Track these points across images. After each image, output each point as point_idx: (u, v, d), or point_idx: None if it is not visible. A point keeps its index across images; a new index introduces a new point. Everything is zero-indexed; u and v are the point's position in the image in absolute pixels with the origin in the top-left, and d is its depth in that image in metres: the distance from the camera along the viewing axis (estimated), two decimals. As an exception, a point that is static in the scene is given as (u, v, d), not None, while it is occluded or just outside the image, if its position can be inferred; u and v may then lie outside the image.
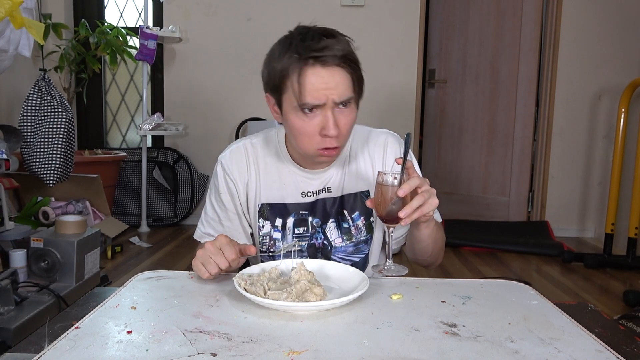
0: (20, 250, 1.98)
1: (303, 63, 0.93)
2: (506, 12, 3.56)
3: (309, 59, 0.92)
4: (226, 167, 1.12)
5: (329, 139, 0.96)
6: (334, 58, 0.92)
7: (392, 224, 0.92)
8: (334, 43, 0.93)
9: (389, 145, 1.14)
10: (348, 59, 0.94)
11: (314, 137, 0.97)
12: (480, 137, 3.76)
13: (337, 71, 0.93)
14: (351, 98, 0.96)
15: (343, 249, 1.12)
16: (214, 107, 3.59)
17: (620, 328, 0.87)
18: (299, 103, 0.94)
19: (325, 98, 0.93)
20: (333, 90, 0.93)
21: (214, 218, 1.14)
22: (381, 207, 0.89)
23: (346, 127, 0.98)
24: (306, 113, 0.95)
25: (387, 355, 0.64)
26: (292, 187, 1.11)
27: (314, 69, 0.92)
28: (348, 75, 0.95)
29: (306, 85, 0.93)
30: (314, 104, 0.94)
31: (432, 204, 0.89)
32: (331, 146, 0.98)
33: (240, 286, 0.82)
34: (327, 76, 0.93)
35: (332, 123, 0.94)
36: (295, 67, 0.93)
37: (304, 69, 0.93)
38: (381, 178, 0.90)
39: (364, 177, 1.13)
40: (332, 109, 0.95)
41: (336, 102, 0.94)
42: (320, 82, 0.92)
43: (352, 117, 0.99)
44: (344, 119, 0.97)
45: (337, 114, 0.96)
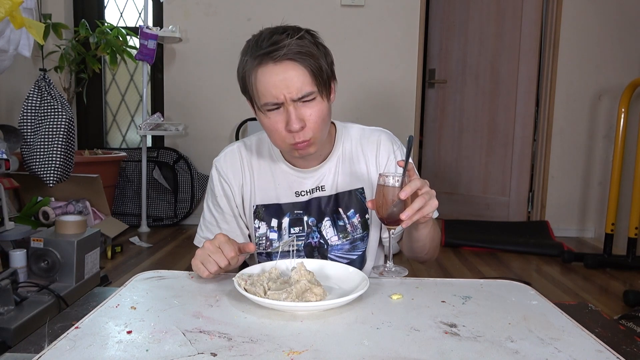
0: (20, 250, 1.98)
1: (256, 63, 0.93)
2: (506, 12, 3.56)
3: (261, 57, 0.92)
4: (221, 170, 1.13)
5: (295, 133, 0.96)
6: (284, 53, 0.91)
7: (393, 225, 0.92)
8: (282, 39, 0.92)
9: (382, 143, 1.14)
10: (301, 52, 0.92)
11: (281, 133, 0.98)
12: (480, 137, 3.76)
13: (290, 65, 0.92)
14: (312, 92, 0.95)
15: (339, 247, 1.12)
16: (214, 107, 3.59)
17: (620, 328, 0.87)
18: (259, 104, 0.96)
19: (282, 96, 0.93)
20: (290, 86, 0.93)
21: (212, 222, 1.15)
22: (382, 209, 0.90)
23: (312, 120, 0.96)
24: (269, 112, 0.97)
25: (387, 355, 0.64)
26: (285, 187, 1.11)
27: (266, 67, 0.93)
28: (303, 68, 0.93)
29: (261, 85, 0.94)
30: (273, 102, 0.95)
31: (432, 206, 0.90)
32: (300, 140, 0.97)
33: (240, 286, 0.82)
34: (280, 72, 0.92)
35: (293, 118, 0.94)
36: (249, 69, 0.95)
37: (256, 69, 0.94)
38: (382, 180, 0.90)
39: (357, 174, 1.13)
40: (293, 104, 0.95)
41: (294, 98, 0.94)
42: (275, 79, 0.92)
43: (318, 109, 0.97)
44: (308, 111, 0.96)
45: (299, 108, 0.95)
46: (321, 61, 0.96)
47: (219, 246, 0.90)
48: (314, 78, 0.95)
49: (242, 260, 0.98)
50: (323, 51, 0.98)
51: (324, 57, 0.97)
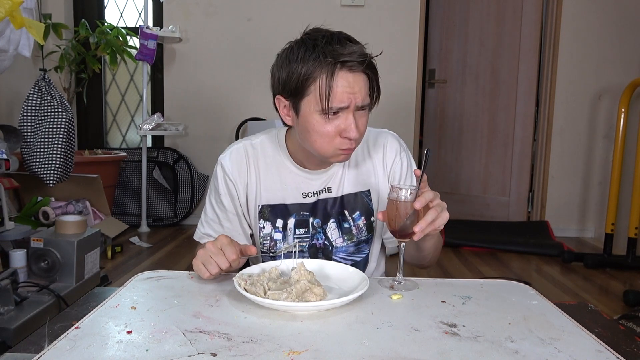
0: (20, 250, 1.98)
1: (333, 67, 0.93)
2: (506, 12, 3.56)
3: (338, 63, 0.93)
4: (226, 168, 1.11)
5: (349, 140, 0.98)
6: (360, 64, 0.95)
7: (404, 239, 0.90)
8: (359, 49, 0.96)
9: (389, 145, 1.14)
10: (371, 65, 0.98)
11: (333, 138, 0.98)
12: (480, 137, 3.76)
13: (361, 77, 0.96)
14: (368, 104, 1.00)
15: (344, 249, 1.12)
16: (214, 107, 3.59)
17: (620, 328, 0.87)
18: (326, 106, 0.94)
19: (349, 102, 0.95)
20: (357, 94, 0.95)
21: (214, 219, 1.14)
22: (395, 222, 0.88)
23: (362, 130, 1.00)
24: (329, 116, 0.96)
25: (387, 355, 0.64)
26: (292, 188, 1.11)
27: (342, 72, 0.94)
28: (369, 81, 0.98)
29: (335, 89, 0.94)
30: (339, 107, 0.95)
31: (444, 219, 0.90)
32: (350, 147, 1.00)
33: (240, 286, 0.82)
34: (353, 81, 0.95)
35: (354, 126, 0.96)
36: (324, 70, 0.93)
37: (334, 73, 0.94)
38: (396, 193, 0.88)
39: (364, 177, 1.13)
40: (354, 112, 0.97)
41: (358, 106, 0.97)
42: (347, 86, 0.94)
43: (367, 120, 1.02)
44: (362, 121, 0.99)
45: (357, 117, 0.98)
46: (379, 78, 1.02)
47: (220, 248, 0.90)
48: (372, 92, 1.00)
49: (243, 262, 0.98)
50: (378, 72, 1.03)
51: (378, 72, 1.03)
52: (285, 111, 1.03)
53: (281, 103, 1.02)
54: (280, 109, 1.03)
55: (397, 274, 0.92)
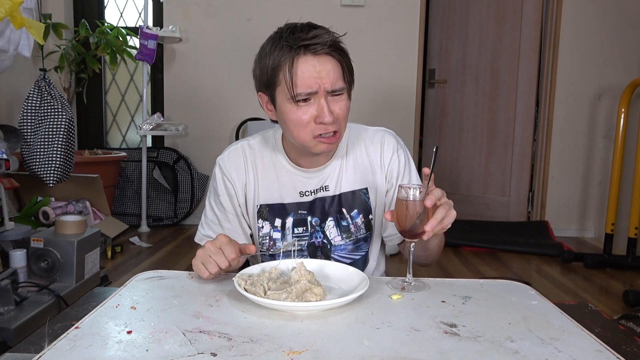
0: (20, 250, 1.98)
1: (295, 53, 0.94)
2: (506, 12, 3.56)
3: (300, 48, 0.94)
4: (224, 169, 1.12)
5: (324, 125, 0.97)
6: (324, 46, 0.94)
7: (414, 238, 0.89)
8: (322, 33, 0.95)
9: (386, 142, 1.14)
10: (337, 47, 0.97)
11: (309, 125, 0.98)
12: (480, 137, 3.76)
13: (328, 59, 0.95)
14: (343, 88, 0.98)
15: (343, 247, 1.12)
16: (214, 107, 3.59)
17: (620, 328, 0.87)
18: (293, 94, 0.95)
19: (317, 86, 0.95)
20: (325, 78, 0.95)
21: (214, 220, 1.14)
22: (405, 221, 0.87)
23: (341, 114, 0.99)
24: (300, 103, 0.97)
25: (387, 355, 0.64)
26: (290, 187, 1.11)
27: (305, 57, 0.94)
28: (338, 63, 0.97)
29: (298, 74, 0.94)
30: (307, 92, 0.95)
31: (452, 217, 0.89)
32: (328, 132, 0.98)
33: (240, 286, 0.82)
34: (318, 64, 0.94)
35: (326, 110, 0.96)
36: (286, 58, 0.95)
37: (295, 59, 0.94)
38: (405, 193, 0.87)
39: (361, 174, 1.13)
40: (325, 97, 0.96)
41: (328, 90, 0.96)
42: (312, 70, 0.94)
43: (345, 105, 1.00)
44: (337, 105, 0.98)
45: (330, 101, 0.97)
46: (350, 59, 1.00)
47: (220, 247, 0.90)
48: (345, 75, 0.98)
49: (243, 261, 0.98)
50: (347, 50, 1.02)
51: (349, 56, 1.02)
52: (267, 106, 1.05)
53: (262, 99, 1.05)
54: (264, 105, 1.05)
55: (407, 275, 0.91)
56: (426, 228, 0.86)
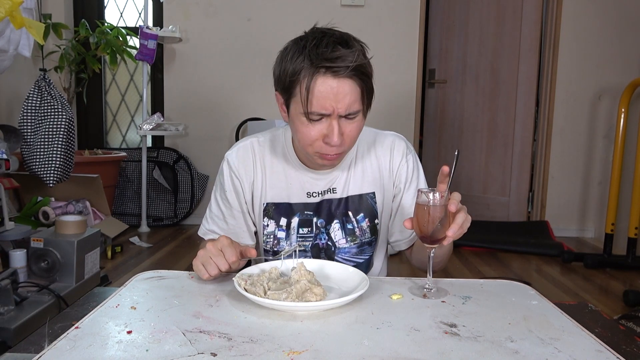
0: (20, 250, 1.97)
1: (314, 70, 0.90)
2: (506, 12, 3.56)
3: (321, 67, 0.90)
4: (232, 164, 1.11)
5: (330, 147, 0.96)
6: (346, 69, 0.89)
7: (434, 244, 0.88)
8: (347, 54, 0.90)
9: (396, 148, 1.13)
10: (360, 71, 0.92)
11: (315, 142, 0.96)
12: (480, 137, 3.76)
13: (347, 83, 0.91)
14: (358, 111, 0.95)
15: (347, 250, 1.12)
16: (214, 107, 3.59)
17: (620, 328, 0.87)
18: (306, 111, 0.93)
19: (332, 109, 0.92)
20: (341, 102, 0.91)
21: (219, 215, 1.14)
22: (427, 227, 0.85)
23: (350, 136, 0.97)
24: (311, 120, 0.94)
25: (387, 355, 0.64)
26: (297, 187, 1.11)
27: (324, 78, 0.90)
28: (358, 87, 0.93)
29: (315, 93, 0.91)
30: (320, 113, 0.93)
31: (469, 220, 0.89)
32: (331, 153, 0.97)
33: (240, 286, 0.82)
34: (337, 87, 0.90)
35: (336, 133, 0.94)
36: (305, 73, 0.91)
37: (314, 77, 0.91)
38: (427, 197, 0.86)
39: (369, 178, 1.12)
40: (338, 119, 0.94)
41: (342, 114, 0.93)
42: (329, 92, 0.91)
43: (357, 127, 0.97)
44: (348, 127, 0.96)
45: (342, 123, 0.95)
46: (372, 81, 0.96)
47: (221, 249, 0.90)
48: (362, 98, 0.95)
49: (243, 264, 0.97)
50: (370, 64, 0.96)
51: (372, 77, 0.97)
52: (282, 107, 1.03)
53: (279, 99, 1.02)
54: (279, 104, 1.04)
55: (427, 282, 0.89)
56: (448, 233, 0.84)
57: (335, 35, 0.93)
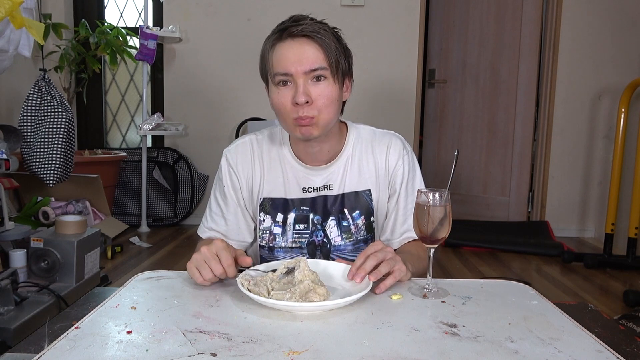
0: (20, 250, 1.97)
1: (275, 38, 1.00)
2: (506, 12, 3.56)
3: (281, 32, 0.99)
4: (231, 160, 1.13)
5: (300, 108, 0.98)
6: (302, 29, 0.97)
7: (434, 244, 0.88)
8: (305, 18, 1.00)
9: (393, 147, 1.14)
10: (317, 31, 0.98)
11: (287, 107, 0.99)
12: (480, 137, 3.76)
13: (306, 42, 0.98)
14: (323, 69, 0.98)
15: (342, 247, 1.12)
16: (214, 107, 3.59)
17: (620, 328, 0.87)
18: (272, 75, 1.00)
19: (293, 69, 0.97)
20: (303, 60, 0.97)
21: (218, 213, 1.15)
22: (427, 227, 0.86)
23: (320, 99, 0.99)
24: (280, 86, 0.99)
25: (387, 355, 0.64)
26: (294, 183, 1.12)
27: (284, 42, 0.99)
28: (318, 46, 0.98)
29: (275, 58, 0.99)
30: (283, 72, 0.98)
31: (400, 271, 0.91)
32: (303, 115, 0.98)
33: (244, 286, 0.82)
34: (296, 47, 0.98)
35: (301, 90, 0.97)
36: (270, 46, 1.01)
37: (274, 44, 1.00)
38: (426, 198, 0.86)
39: (366, 176, 1.13)
40: (303, 79, 0.98)
41: (305, 70, 0.97)
42: (289, 52, 0.97)
43: (327, 91, 1.00)
44: (317, 90, 0.99)
45: (309, 85, 0.98)
46: (337, 46, 1.01)
47: (216, 252, 0.87)
48: (327, 57, 0.99)
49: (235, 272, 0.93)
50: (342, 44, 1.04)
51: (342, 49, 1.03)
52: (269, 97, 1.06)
53: (266, 91, 1.07)
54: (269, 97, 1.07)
55: (427, 283, 0.89)
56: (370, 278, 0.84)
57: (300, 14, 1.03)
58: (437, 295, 0.86)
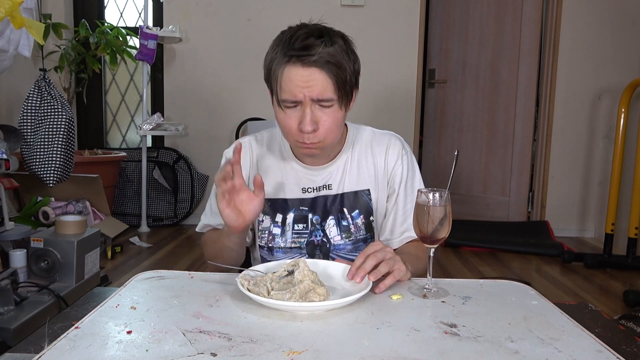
0: (20, 250, 1.97)
1: (285, 61, 0.95)
2: (506, 12, 3.56)
3: (290, 57, 0.94)
4: None
5: (306, 134, 0.98)
6: (314, 60, 0.93)
7: (434, 244, 0.88)
8: (318, 44, 0.94)
9: (392, 147, 1.14)
10: (329, 62, 0.94)
11: (292, 131, 1.00)
12: (480, 137, 3.76)
13: (316, 71, 0.94)
14: (331, 99, 0.97)
15: (342, 246, 1.13)
16: (214, 107, 3.59)
17: (620, 328, 0.88)
18: (278, 99, 0.99)
19: (302, 96, 0.95)
20: (310, 89, 0.95)
21: (215, 210, 1.14)
22: (427, 227, 0.86)
23: (326, 125, 0.99)
24: (285, 109, 0.98)
25: (387, 355, 0.64)
26: (293, 183, 1.12)
27: (293, 66, 0.95)
28: (328, 76, 0.95)
29: (284, 82, 0.96)
30: (292, 100, 0.96)
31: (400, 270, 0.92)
32: (309, 142, 0.99)
33: (244, 286, 0.82)
34: (306, 75, 0.94)
35: (308, 119, 0.96)
36: (278, 63, 0.97)
37: (284, 67, 0.96)
38: (426, 198, 0.86)
39: (365, 175, 1.13)
40: (311, 106, 0.97)
41: (313, 99, 0.96)
42: (299, 80, 0.94)
43: (333, 117, 0.99)
44: (323, 117, 0.98)
45: (316, 111, 0.97)
46: (347, 72, 0.98)
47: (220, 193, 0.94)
48: (336, 88, 0.97)
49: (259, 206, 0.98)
50: (352, 59, 1.00)
51: (352, 66, 0.99)
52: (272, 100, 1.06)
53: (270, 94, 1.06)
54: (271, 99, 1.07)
55: (427, 283, 0.89)
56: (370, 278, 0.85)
57: (311, 27, 0.98)
58: (437, 295, 0.86)
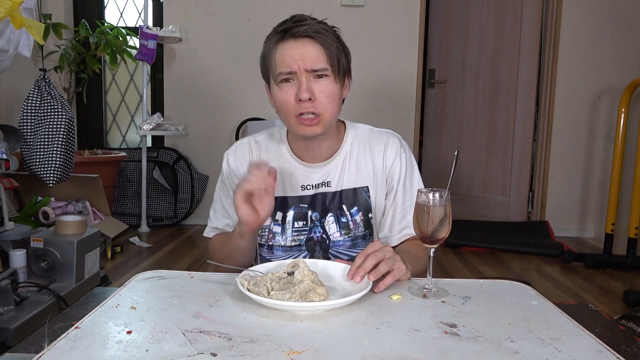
0: (20, 250, 1.97)
1: (277, 38, 1.02)
2: (506, 12, 3.56)
3: (283, 32, 1.01)
4: (231, 163, 1.17)
5: (304, 104, 1.00)
6: (304, 30, 1.00)
7: (434, 244, 0.88)
8: (306, 18, 1.03)
9: (390, 144, 1.15)
10: (320, 32, 1.01)
11: (290, 104, 1.02)
12: (480, 137, 3.76)
13: (308, 42, 1.01)
14: (325, 69, 1.01)
15: (341, 243, 1.14)
16: (214, 107, 3.59)
17: (620, 328, 0.88)
18: (275, 74, 1.02)
19: (296, 66, 1.00)
20: (306, 59, 1.00)
21: (223, 213, 1.18)
22: (427, 227, 0.86)
23: (322, 96, 1.02)
24: (283, 84, 1.01)
25: (387, 355, 0.64)
26: (292, 181, 1.14)
27: (286, 42, 1.01)
28: (320, 47, 1.01)
29: (278, 58, 1.01)
30: (287, 72, 1.00)
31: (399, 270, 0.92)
32: (307, 111, 1.01)
33: (244, 286, 0.82)
34: (299, 47, 1.00)
35: (304, 87, 0.99)
36: (272, 45, 1.03)
37: (277, 44, 1.02)
38: (426, 198, 0.86)
39: (363, 173, 1.14)
40: (306, 76, 1.00)
41: (307, 69, 1.00)
42: (293, 52, 1.00)
43: (329, 88, 1.02)
44: (319, 87, 1.01)
45: (311, 81, 1.01)
46: (337, 46, 1.04)
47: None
48: (328, 57, 1.01)
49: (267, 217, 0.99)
50: (342, 44, 1.07)
51: (342, 48, 1.05)
52: (269, 96, 1.09)
53: (267, 90, 1.10)
54: (269, 96, 1.10)
55: (427, 283, 0.89)
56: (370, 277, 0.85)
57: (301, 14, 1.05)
58: (437, 295, 0.86)
